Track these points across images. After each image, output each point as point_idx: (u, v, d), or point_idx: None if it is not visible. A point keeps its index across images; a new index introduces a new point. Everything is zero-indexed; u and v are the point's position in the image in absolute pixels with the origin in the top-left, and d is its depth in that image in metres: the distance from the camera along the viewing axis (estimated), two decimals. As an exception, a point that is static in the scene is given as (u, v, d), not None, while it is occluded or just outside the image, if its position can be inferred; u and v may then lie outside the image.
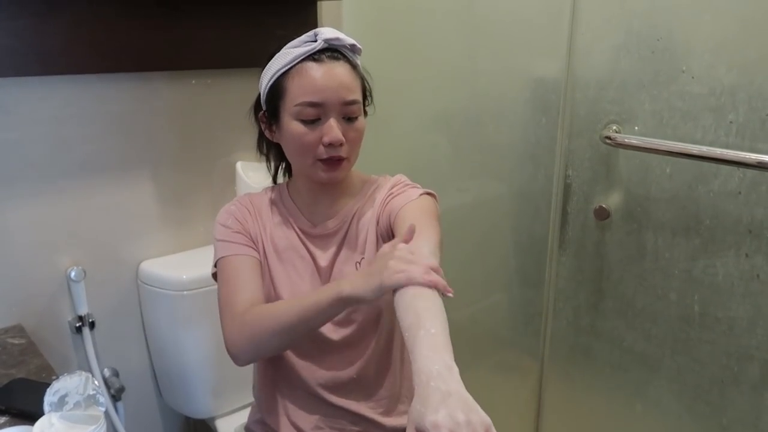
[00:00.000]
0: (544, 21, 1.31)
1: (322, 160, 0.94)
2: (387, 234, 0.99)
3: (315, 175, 0.97)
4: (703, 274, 1.13)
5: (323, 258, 1.02)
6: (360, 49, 0.97)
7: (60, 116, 1.30)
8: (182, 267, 1.42)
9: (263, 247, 1.03)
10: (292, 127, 0.94)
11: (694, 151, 1.05)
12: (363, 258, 1.01)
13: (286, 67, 0.94)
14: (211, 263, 1.05)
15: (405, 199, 0.98)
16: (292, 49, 0.94)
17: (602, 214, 1.25)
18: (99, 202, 1.38)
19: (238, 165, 1.55)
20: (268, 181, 1.53)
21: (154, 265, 1.44)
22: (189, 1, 1.40)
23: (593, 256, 1.30)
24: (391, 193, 1.01)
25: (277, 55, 0.97)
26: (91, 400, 0.82)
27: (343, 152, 0.94)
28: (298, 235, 1.03)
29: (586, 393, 1.41)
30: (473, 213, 1.53)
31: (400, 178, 1.06)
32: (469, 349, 1.66)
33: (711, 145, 1.06)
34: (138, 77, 1.38)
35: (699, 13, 1.07)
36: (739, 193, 1.06)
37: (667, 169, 1.14)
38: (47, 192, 1.31)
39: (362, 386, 1.05)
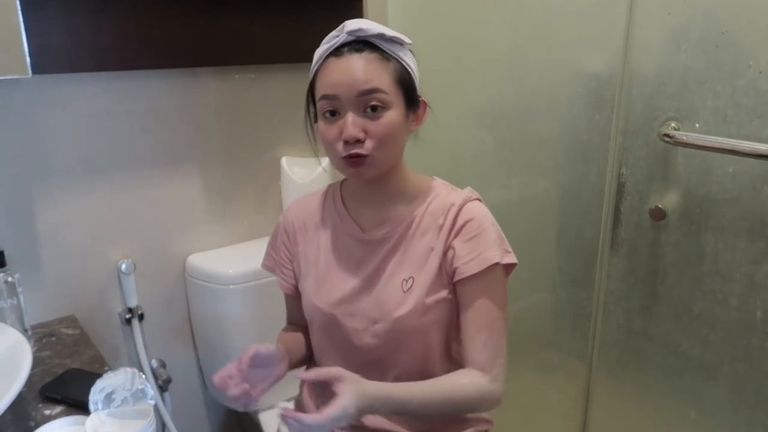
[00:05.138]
0: (599, 12, 1.26)
1: (344, 158, 0.89)
2: (450, 276, 0.94)
3: (343, 172, 0.92)
4: (767, 279, 1.07)
5: (368, 266, 0.96)
6: (397, 37, 0.91)
7: (112, 111, 1.32)
8: (228, 261, 1.44)
9: (306, 256, 1.02)
10: (319, 125, 0.92)
11: (761, 150, 0.99)
12: (413, 279, 0.94)
13: (316, 66, 0.92)
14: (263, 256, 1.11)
15: (477, 263, 0.91)
16: (322, 47, 0.92)
17: (658, 214, 1.20)
18: (148, 196, 1.40)
19: (283, 160, 1.55)
20: (313, 176, 1.54)
21: (201, 258, 1.46)
22: (236, -3, 1.41)
23: (647, 258, 1.25)
24: (463, 227, 0.93)
25: (315, 52, 0.94)
26: (140, 395, 0.83)
27: (364, 149, 0.87)
28: (346, 241, 0.99)
29: (637, 398, 1.36)
30: (520, 210, 1.49)
31: (470, 194, 0.97)
32: (514, 347, 1.63)
33: (779, 143, 1.00)
34: (187, 73, 1.40)
35: (769, 4, 1.01)
36: (810, 194, 1.00)
37: (730, 169, 1.08)
38: (100, 186, 1.34)
39: None
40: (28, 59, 1.08)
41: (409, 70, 0.93)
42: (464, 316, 0.94)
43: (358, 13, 1.61)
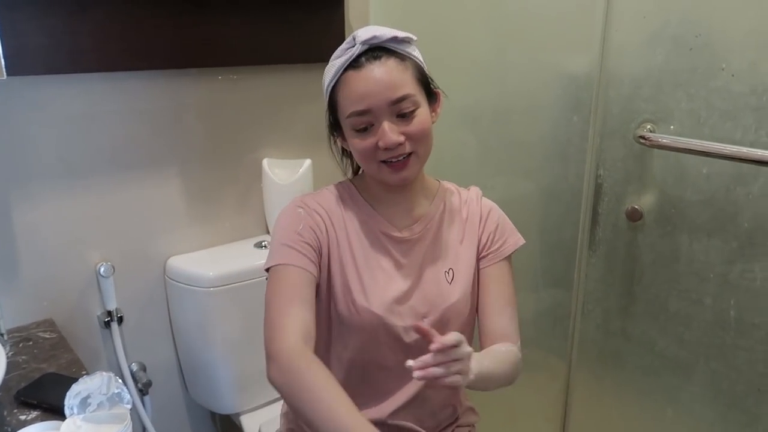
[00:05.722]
0: (577, 15, 1.28)
1: (385, 162, 0.91)
2: (478, 262, 1.03)
3: (385, 179, 0.93)
4: (740, 279, 1.09)
5: (409, 264, 0.99)
6: (408, 37, 0.92)
7: (90, 113, 1.31)
8: (209, 263, 1.43)
9: (338, 254, 0.97)
10: (350, 137, 0.93)
11: (734, 152, 1.01)
12: (452, 270, 1.00)
13: (333, 81, 0.92)
14: (265, 259, 0.96)
15: (501, 251, 1.02)
16: (335, 61, 0.92)
17: (634, 215, 1.21)
18: (128, 198, 1.39)
19: (265, 162, 1.55)
20: (294, 178, 1.54)
21: (182, 261, 1.45)
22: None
23: (624, 258, 1.27)
24: (488, 217, 1.03)
25: (326, 69, 0.95)
26: (116, 399, 0.82)
27: (406, 148, 0.90)
28: (379, 239, 0.98)
29: (615, 397, 1.38)
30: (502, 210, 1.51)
31: (478, 190, 1.07)
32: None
33: (751, 145, 1.02)
34: (167, 74, 1.39)
35: (741, 8, 1.03)
36: (781, 195, 1.02)
37: (704, 170, 1.10)
38: (77, 188, 1.32)
39: (427, 403, 1.03)
40: (2, 61, 1.07)
41: (423, 66, 0.95)
42: (491, 292, 1.02)
43: (340, 15, 1.62)
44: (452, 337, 0.78)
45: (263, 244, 1.52)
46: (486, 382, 0.88)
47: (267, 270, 0.95)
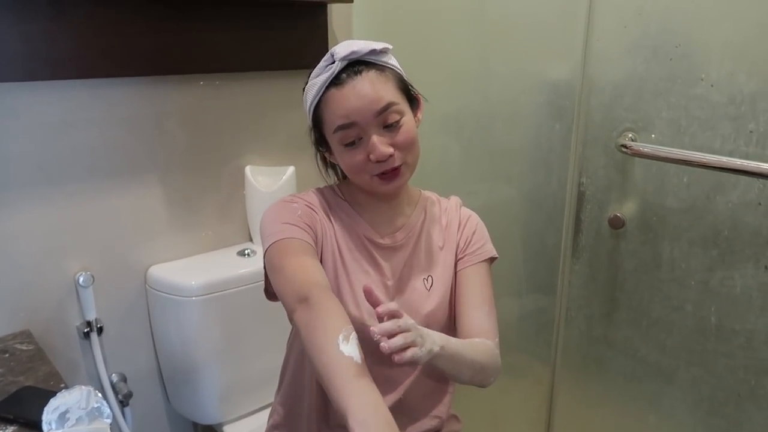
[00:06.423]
0: (559, 24, 1.29)
1: (377, 175, 0.92)
2: (456, 267, 1.04)
3: (377, 189, 0.95)
4: (720, 286, 1.11)
5: (391, 271, 0.99)
6: (385, 47, 0.93)
7: (69, 120, 1.29)
8: (191, 272, 1.41)
9: (330, 253, 0.97)
10: (339, 153, 0.94)
11: (713, 161, 1.03)
12: (431, 276, 1.01)
13: (316, 100, 0.93)
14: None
15: (482, 253, 1.03)
16: (315, 80, 0.92)
17: (617, 222, 1.22)
18: (107, 206, 1.37)
19: (247, 169, 1.54)
20: (278, 185, 1.53)
21: (163, 270, 1.43)
22: (198, 5, 1.39)
23: (607, 265, 1.28)
24: (466, 223, 1.05)
25: (305, 88, 0.95)
26: (95, 413, 0.81)
27: (396, 161, 0.91)
28: (364, 244, 0.99)
29: (599, 403, 1.39)
30: (484, 217, 1.51)
31: (458, 199, 1.09)
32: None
33: (730, 154, 1.03)
34: (147, 81, 1.37)
35: (719, 20, 1.04)
36: (759, 204, 1.03)
37: (685, 179, 1.12)
38: (56, 196, 1.30)
39: (407, 410, 1.02)
40: (-22, 67, 1.05)
41: (402, 74, 0.96)
42: (467, 291, 1.01)
43: (324, 23, 1.61)
44: (392, 304, 0.77)
45: (246, 252, 1.51)
46: (456, 362, 0.87)
47: (265, 253, 0.92)
